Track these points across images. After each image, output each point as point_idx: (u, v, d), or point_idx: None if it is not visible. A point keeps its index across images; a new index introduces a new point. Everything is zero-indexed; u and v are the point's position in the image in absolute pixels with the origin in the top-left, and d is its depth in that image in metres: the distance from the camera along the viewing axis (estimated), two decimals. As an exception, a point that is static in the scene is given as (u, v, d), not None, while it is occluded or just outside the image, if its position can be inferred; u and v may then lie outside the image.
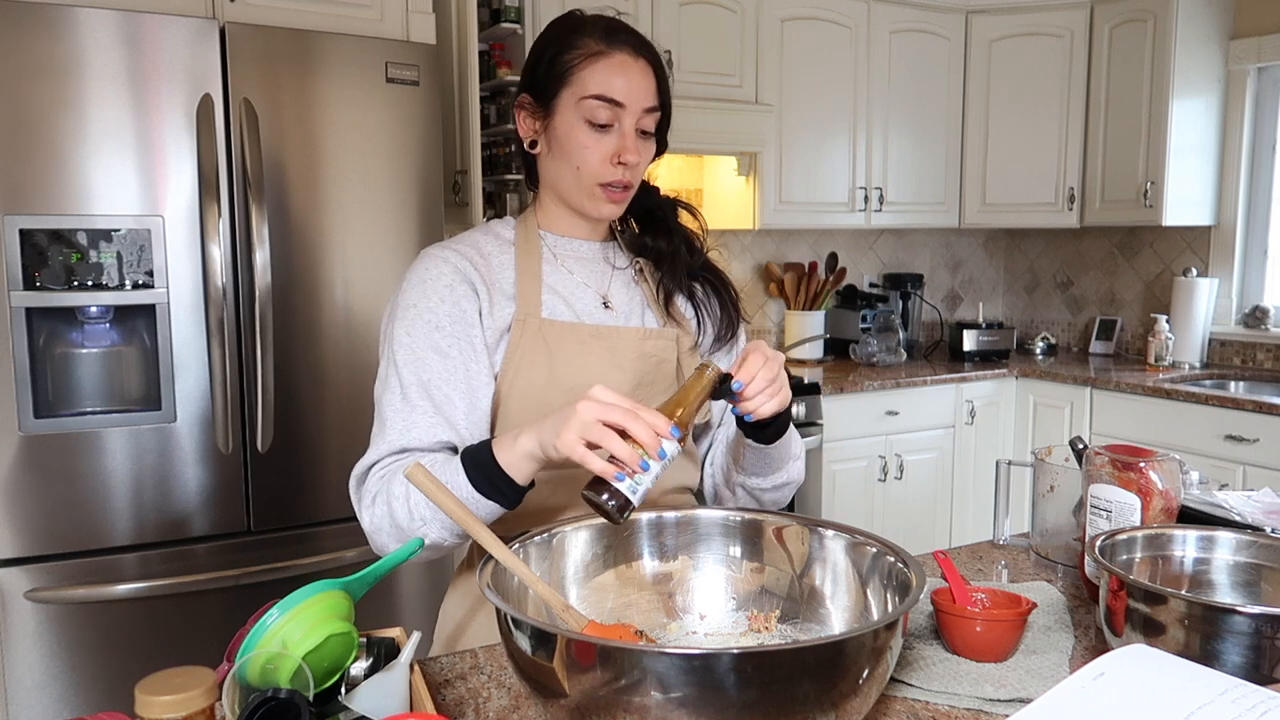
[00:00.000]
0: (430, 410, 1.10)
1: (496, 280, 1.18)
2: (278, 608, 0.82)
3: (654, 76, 1.16)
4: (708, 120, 3.18)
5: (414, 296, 1.15)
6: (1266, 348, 3.51)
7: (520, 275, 1.19)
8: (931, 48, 3.71)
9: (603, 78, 1.13)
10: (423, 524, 1.02)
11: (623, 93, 1.13)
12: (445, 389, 1.11)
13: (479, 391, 1.13)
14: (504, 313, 1.17)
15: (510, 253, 1.21)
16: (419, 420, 1.09)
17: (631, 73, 1.14)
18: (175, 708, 0.73)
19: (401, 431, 1.09)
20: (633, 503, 0.90)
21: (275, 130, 2.15)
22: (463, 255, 1.18)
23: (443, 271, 1.16)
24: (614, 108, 1.13)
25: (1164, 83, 3.41)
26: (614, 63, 1.13)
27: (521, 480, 0.99)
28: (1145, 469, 1.13)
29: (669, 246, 1.26)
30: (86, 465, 2.04)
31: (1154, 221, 3.48)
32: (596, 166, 1.15)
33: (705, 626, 1.01)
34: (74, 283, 2.01)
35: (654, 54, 1.18)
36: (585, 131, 1.14)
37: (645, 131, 1.17)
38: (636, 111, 1.14)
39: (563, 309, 1.19)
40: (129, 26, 2.00)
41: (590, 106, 1.13)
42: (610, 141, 1.14)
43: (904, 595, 0.85)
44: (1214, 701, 0.68)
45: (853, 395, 3.27)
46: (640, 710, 0.71)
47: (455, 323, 1.13)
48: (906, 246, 4.21)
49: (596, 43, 1.14)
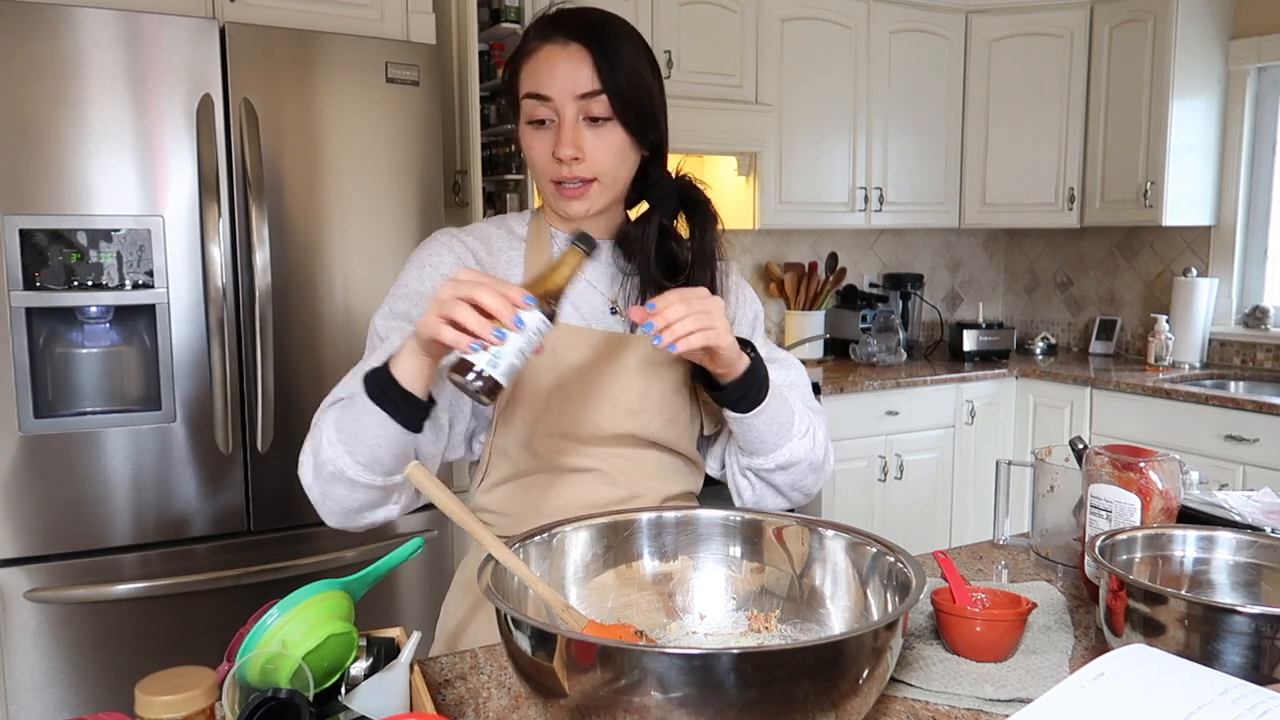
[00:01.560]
0: None
1: (502, 275, 1.17)
2: (278, 608, 0.82)
3: (589, 58, 1.09)
4: (708, 120, 3.18)
5: (410, 277, 1.15)
6: (1266, 348, 3.51)
7: (528, 274, 1.18)
8: (931, 48, 3.71)
9: (532, 75, 1.11)
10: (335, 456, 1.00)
11: (548, 85, 1.09)
12: None
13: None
14: None
15: (520, 249, 1.20)
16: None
17: (558, 62, 1.09)
18: (175, 708, 0.73)
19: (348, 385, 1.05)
20: (496, 379, 0.87)
21: (275, 130, 2.15)
22: (468, 247, 1.17)
23: (444, 259, 1.15)
24: (545, 103, 1.10)
25: (1164, 83, 3.41)
26: (541, 56, 1.11)
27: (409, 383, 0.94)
28: (1145, 469, 1.13)
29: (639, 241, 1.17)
30: (86, 465, 2.04)
31: (1154, 221, 3.48)
32: (543, 165, 1.13)
33: (705, 626, 1.01)
34: (74, 283, 2.01)
35: (593, 36, 1.10)
36: (530, 132, 1.13)
37: (595, 118, 1.10)
38: (568, 100, 1.09)
39: (569, 311, 1.17)
40: (129, 26, 2.00)
41: (528, 106, 1.11)
42: (549, 137, 1.11)
43: (904, 595, 0.85)
44: (1214, 701, 0.68)
45: (853, 395, 3.27)
46: (640, 710, 0.70)
47: None
48: (906, 246, 4.21)
49: (532, 40, 1.12)
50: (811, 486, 1.21)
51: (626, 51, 1.11)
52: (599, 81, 1.09)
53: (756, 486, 1.21)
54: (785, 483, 1.19)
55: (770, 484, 1.19)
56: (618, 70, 1.10)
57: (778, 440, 1.14)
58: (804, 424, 1.17)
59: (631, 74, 1.11)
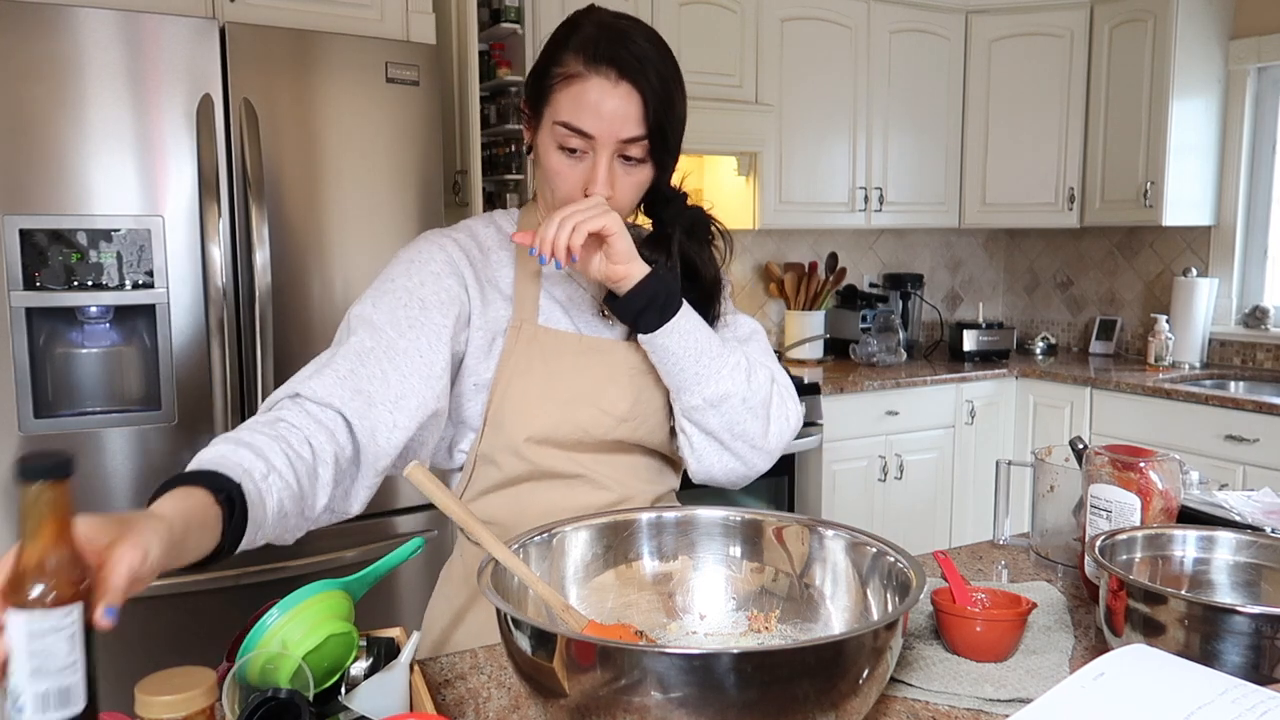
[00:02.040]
0: (343, 372, 1.02)
1: (493, 277, 1.14)
2: (278, 608, 0.82)
3: (640, 101, 1.04)
4: (708, 120, 3.18)
5: (396, 272, 1.10)
6: (1266, 348, 3.51)
7: (519, 275, 1.15)
8: (931, 48, 3.71)
9: (574, 105, 1.04)
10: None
11: (593, 124, 1.04)
12: (383, 364, 1.03)
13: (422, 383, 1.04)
14: (499, 313, 1.13)
15: (510, 248, 1.17)
16: (327, 375, 1.01)
17: (607, 101, 1.03)
18: (175, 708, 0.73)
19: (304, 379, 1.02)
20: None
21: (275, 130, 2.15)
22: (460, 246, 1.13)
23: (434, 257, 1.11)
24: (584, 138, 1.05)
25: (1164, 83, 3.41)
26: (589, 88, 1.03)
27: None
28: (1145, 469, 1.13)
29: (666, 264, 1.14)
30: (86, 465, 2.04)
31: (1154, 221, 3.48)
32: (566, 193, 1.08)
33: (705, 626, 1.01)
34: (74, 283, 2.01)
35: (643, 75, 1.04)
36: (558, 156, 1.07)
37: (629, 158, 1.07)
38: (610, 143, 1.05)
39: (559, 316, 1.15)
40: (129, 26, 2.00)
41: (561, 133, 1.05)
42: (582, 170, 1.07)
43: (904, 595, 0.85)
44: (1214, 701, 0.68)
45: (853, 395, 3.27)
46: (640, 710, 0.70)
47: (425, 307, 1.07)
48: (906, 246, 4.21)
49: (577, 62, 1.04)
50: (756, 435, 1.12)
51: (671, 89, 1.07)
52: (645, 127, 1.05)
53: (695, 439, 1.13)
54: (721, 426, 1.10)
55: (706, 431, 1.12)
56: (664, 115, 1.06)
57: (700, 369, 1.08)
58: (737, 358, 1.11)
59: (671, 110, 1.07)
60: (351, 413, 1.00)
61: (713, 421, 1.11)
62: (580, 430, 1.13)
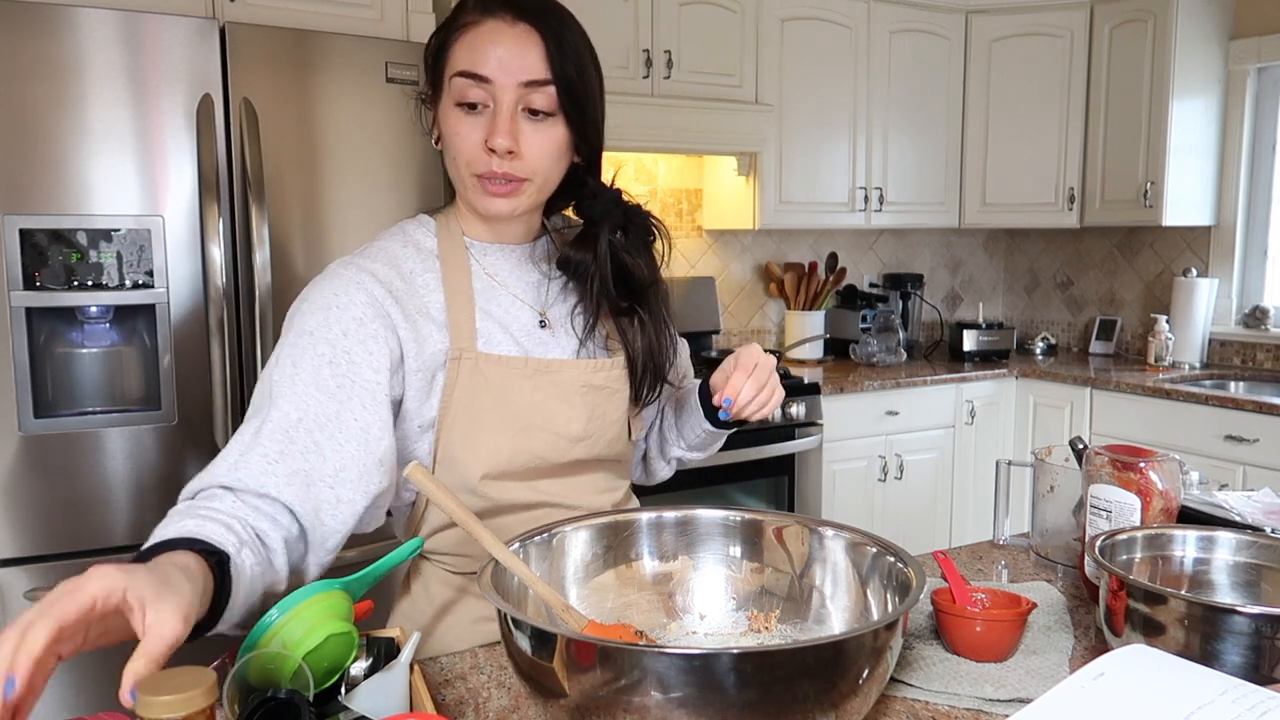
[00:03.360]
0: (273, 455, 0.92)
1: (423, 306, 1.03)
2: (278, 608, 0.82)
3: (540, 43, 0.97)
4: (708, 120, 3.18)
5: (313, 323, 0.98)
6: (1266, 348, 3.51)
7: (450, 298, 1.04)
8: (931, 48, 3.71)
9: (469, 51, 0.97)
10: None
11: (490, 65, 0.96)
12: (316, 435, 0.94)
13: (361, 449, 0.96)
14: (436, 346, 1.03)
15: (435, 269, 1.06)
16: (253, 460, 0.92)
17: (504, 41, 0.96)
18: (175, 708, 0.73)
19: (230, 467, 0.92)
20: None
21: (275, 130, 2.15)
22: (379, 280, 1.00)
23: (354, 300, 0.98)
24: (482, 84, 0.96)
25: (1164, 83, 3.41)
26: (483, 31, 0.97)
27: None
28: (1145, 469, 1.13)
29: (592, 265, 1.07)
30: (86, 465, 2.04)
31: (1154, 221, 3.48)
32: (470, 154, 0.99)
33: (705, 626, 1.01)
34: (74, 283, 2.01)
35: (545, 17, 0.98)
36: (457, 115, 0.98)
37: (536, 110, 0.98)
38: (510, 87, 0.96)
39: (500, 337, 1.06)
40: (129, 26, 2.00)
41: (459, 85, 0.97)
42: (482, 124, 0.98)
43: (904, 595, 0.85)
44: (1214, 701, 0.68)
45: (853, 395, 3.27)
46: (640, 710, 0.70)
47: (354, 363, 0.97)
48: (906, 246, 4.21)
49: (472, 12, 0.98)
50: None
51: (577, 41, 1.00)
52: (548, 70, 0.97)
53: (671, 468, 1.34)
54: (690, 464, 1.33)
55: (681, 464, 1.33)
56: (568, 59, 0.98)
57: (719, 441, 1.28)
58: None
59: (580, 66, 1.00)
60: (290, 498, 0.93)
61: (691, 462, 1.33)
62: (537, 458, 1.07)
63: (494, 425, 1.05)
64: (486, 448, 1.05)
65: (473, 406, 1.04)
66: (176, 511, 0.89)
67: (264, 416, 0.95)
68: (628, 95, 2.99)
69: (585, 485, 1.14)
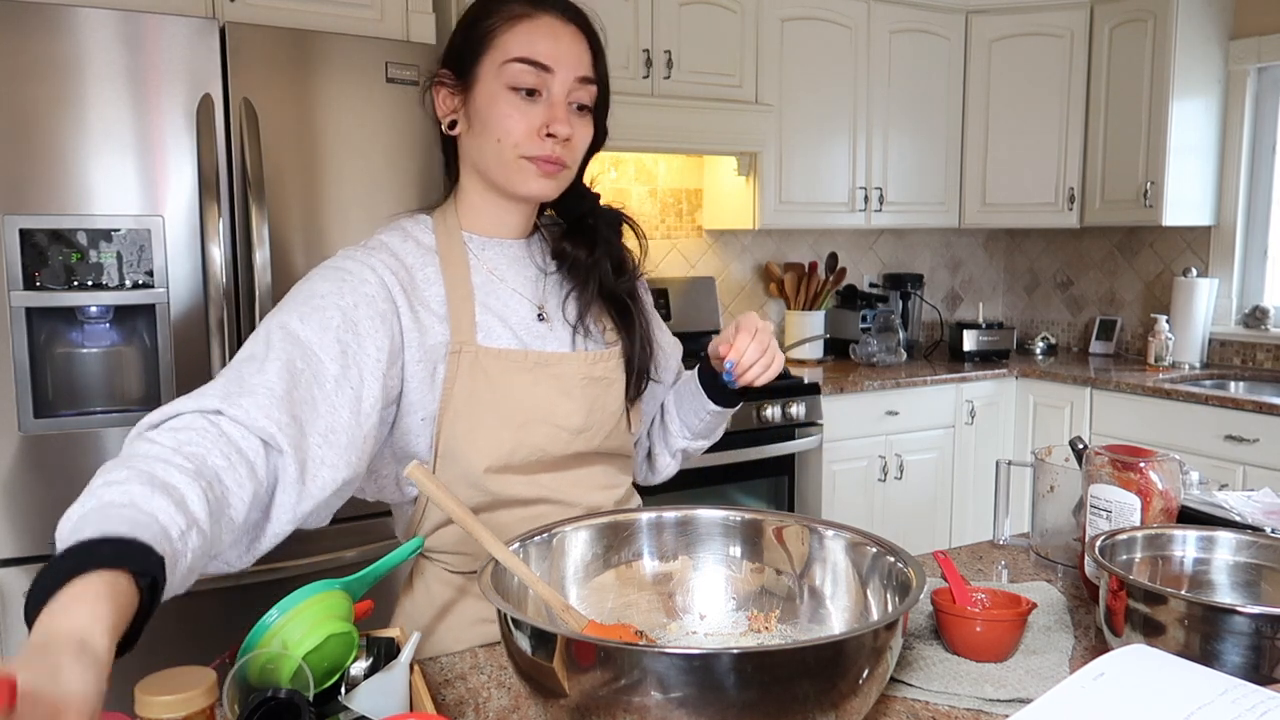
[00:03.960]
0: (279, 392, 0.88)
1: (424, 299, 1.06)
2: (277, 608, 0.82)
3: (588, 46, 1.06)
4: (708, 120, 3.18)
5: (325, 288, 0.99)
6: (1266, 348, 3.51)
7: (450, 292, 1.07)
8: (931, 48, 3.71)
9: (527, 40, 1.02)
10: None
11: (550, 56, 1.02)
12: (313, 391, 0.92)
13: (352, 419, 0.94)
14: (437, 337, 1.05)
15: (434, 263, 1.08)
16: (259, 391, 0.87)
17: (561, 36, 1.04)
18: (175, 708, 0.73)
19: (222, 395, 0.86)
20: None
21: (275, 130, 2.15)
22: (389, 269, 1.03)
23: (367, 279, 1.01)
24: (541, 72, 1.02)
25: (1164, 83, 3.41)
26: (540, 24, 1.03)
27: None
28: (1145, 469, 1.13)
29: (587, 257, 1.14)
30: (87, 465, 2.03)
31: (1154, 221, 3.48)
32: (521, 137, 1.03)
33: (705, 626, 1.01)
34: (74, 283, 2.01)
35: (587, 21, 1.07)
36: (509, 99, 1.03)
37: (582, 106, 1.06)
38: (567, 79, 1.03)
39: (499, 330, 1.08)
40: (129, 26, 2.00)
41: (514, 71, 1.02)
42: (538, 111, 1.03)
43: (904, 595, 0.85)
44: (1214, 701, 0.68)
45: (853, 395, 3.27)
46: (640, 710, 0.70)
47: (359, 336, 0.97)
48: (906, 246, 4.21)
49: (521, 5, 1.04)
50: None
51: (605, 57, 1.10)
52: (594, 70, 1.06)
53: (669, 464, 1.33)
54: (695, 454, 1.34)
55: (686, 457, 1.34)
56: (603, 64, 1.09)
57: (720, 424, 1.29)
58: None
59: (607, 75, 1.10)
60: (286, 443, 0.87)
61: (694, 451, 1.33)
62: (538, 451, 1.08)
63: (495, 419, 1.06)
64: (489, 441, 1.06)
65: (473, 400, 1.05)
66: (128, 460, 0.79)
67: (265, 358, 0.91)
68: (628, 95, 2.99)
69: (586, 480, 1.15)
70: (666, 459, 1.34)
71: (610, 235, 1.17)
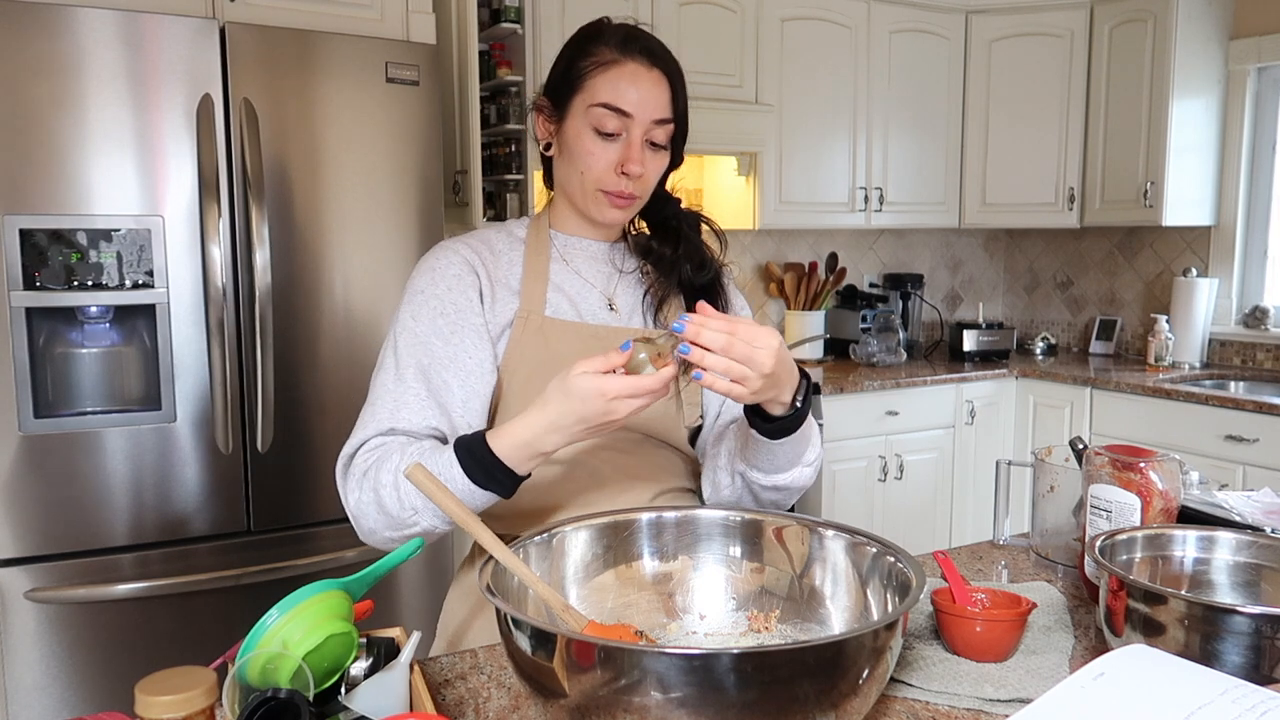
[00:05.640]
0: (424, 394, 1.10)
1: (503, 276, 1.20)
2: (277, 608, 0.82)
3: (668, 88, 1.16)
4: (708, 120, 3.17)
5: (422, 283, 1.17)
6: (1266, 348, 3.51)
7: (527, 272, 1.20)
8: (931, 48, 3.71)
9: (612, 87, 1.13)
10: (414, 513, 1.02)
11: (631, 103, 1.13)
12: (444, 374, 1.12)
13: (479, 380, 1.14)
14: (507, 308, 1.18)
15: (520, 250, 1.23)
16: (410, 401, 1.09)
17: (642, 83, 1.14)
18: (175, 708, 0.73)
19: (391, 411, 1.09)
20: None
21: (275, 130, 2.15)
22: (472, 249, 1.20)
23: (452, 261, 1.18)
24: (621, 117, 1.13)
25: (1164, 83, 3.41)
26: (625, 72, 1.13)
27: (520, 469, 0.99)
28: (1145, 469, 1.13)
29: (671, 253, 1.25)
30: (86, 465, 2.04)
31: (1154, 221, 3.48)
32: (600, 173, 1.15)
33: (705, 626, 1.01)
34: (74, 283, 2.01)
35: (671, 65, 1.17)
36: (592, 138, 1.14)
37: (655, 143, 1.17)
38: (645, 123, 1.14)
39: (566, 308, 1.20)
40: (129, 26, 2.00)
41: (598, 114, 1.13)
42: (615, 150, 1.15)
43: (904, 595, 0.85)
44: (1214, 701, 0.68)
45: (853, 395, 3.27)
46: (640, 710, 0.70)
47: (460, 311, 1.15)
48: (906, 246, 4.21)
49: (611, 51, 1.14)
50: (787, 504, 1.21)
51: (685, 91, 1.19)
52: (672, 110, 1.16)
53: (738, 490, 1.19)
54: (770, 499, 1.18)
55: (754, 494, 1.18)
56: (682, 102, 1.18)
57: (786, 465, 1.13)
58: (814, 455, 1.16)
59: (686, 110, 1.19)
60: (446, 429, 1.10)
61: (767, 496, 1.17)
62: None
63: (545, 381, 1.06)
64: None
65: (531, 362, 1.16)
66: (380, 463, 1.04)
67: (397, 366, 1.12)
68: (628, 95, 2.98)
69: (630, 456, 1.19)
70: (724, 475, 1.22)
71: (691, 234, 1.26)
